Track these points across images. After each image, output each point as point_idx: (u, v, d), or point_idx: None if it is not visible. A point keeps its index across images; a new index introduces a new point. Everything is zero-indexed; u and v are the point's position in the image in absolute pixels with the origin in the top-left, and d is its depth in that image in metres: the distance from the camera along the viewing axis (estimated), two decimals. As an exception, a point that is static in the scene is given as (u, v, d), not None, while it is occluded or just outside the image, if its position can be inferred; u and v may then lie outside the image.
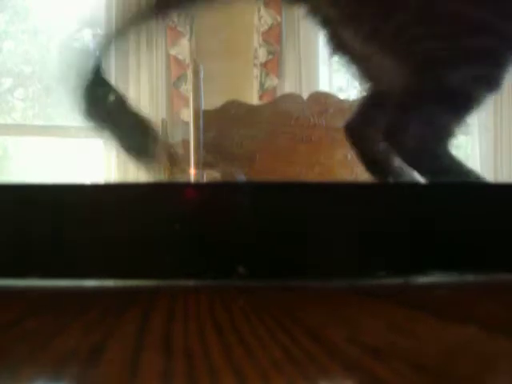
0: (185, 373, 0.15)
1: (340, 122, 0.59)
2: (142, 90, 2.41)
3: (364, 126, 0.55)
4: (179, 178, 1.27)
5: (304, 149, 1.38)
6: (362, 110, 0.56)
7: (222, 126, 1.34)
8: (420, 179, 0.47)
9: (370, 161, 0.54)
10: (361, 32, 0.50)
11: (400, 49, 0.48)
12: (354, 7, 0.50)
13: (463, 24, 0.45)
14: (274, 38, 2.54)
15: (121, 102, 0.52)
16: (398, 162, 0.50)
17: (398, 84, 0.49)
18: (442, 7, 0.46)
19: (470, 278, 0.30)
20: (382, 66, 0.50)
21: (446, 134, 0.47)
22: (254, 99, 2.47)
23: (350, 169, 1.29)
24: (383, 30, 0.48)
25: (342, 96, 1.45)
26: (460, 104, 0.47)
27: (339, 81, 2.51)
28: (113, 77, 2.41)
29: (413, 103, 0.48)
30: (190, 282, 0.30)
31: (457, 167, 0.48)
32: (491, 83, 0.46)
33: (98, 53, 0.51)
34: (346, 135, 0.56)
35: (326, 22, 0.53)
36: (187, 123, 1.11)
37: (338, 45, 0.53)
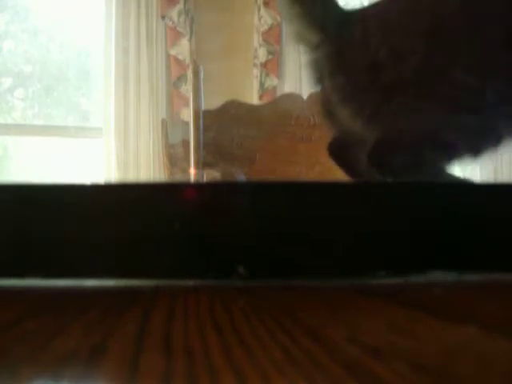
0: (185, 373, 0.15)
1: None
2: (142, 89, 2.41)
3: (348, 145, 0.55)
4: (179, 177, 1.27)
5: (304, 148, 1.38)
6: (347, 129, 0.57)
7: (222, 125, 1.34)
8: None
9: (358, 178, 0.54)
10: (361, 115, 0.50)
11: (399, 124, 0.49)
12: (353, 92, 0.50)
13: (462, 103, 0.47)
14: (273, 38, 2.54)
15: None
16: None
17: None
18: (442, 87, 0.47)
19: (469, 277, 0.30)
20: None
21: (434, 165, 0.48)
22: (254, 99, 2.48)
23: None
24: (384, 112, 0.49)
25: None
26: (447, 156, 0.49)
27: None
28: (113, 76, 2.41)
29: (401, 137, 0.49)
30: (190, 282, 0.30)
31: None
32: (476, 154, 0.49)
33: None
34: (329, 155, 0.56)
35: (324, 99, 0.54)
36: (187, 123, 1.11)
37: (334, 123, 0.54)
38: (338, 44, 0.51)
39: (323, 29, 0.51)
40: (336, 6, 0.53)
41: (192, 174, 1.06)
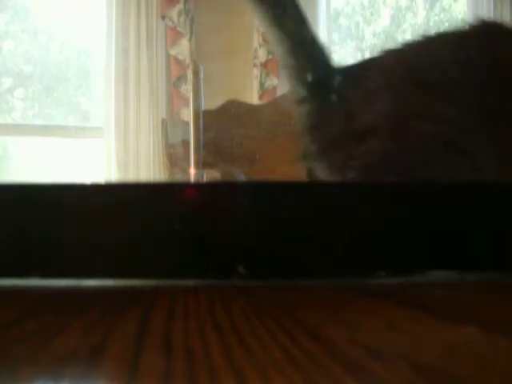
0: (185, 373, 0.15)
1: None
2: (142, 89, 2.41)
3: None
4: (179, 177, 1.27)
5: (304, 148, 1.38)
6: None
7: (222, 125, 1.34)
8: None
9: None
10: (334, 167, 0.53)
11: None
12: (328, 147, 0.53)
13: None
14: (273, 38, 2.53)
15: None
16: None
17: None
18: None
19: (470, 277, 0.30)
20: None
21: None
22: (254, 99, 2.47)
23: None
24: (356, 166, 0.50)
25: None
26: None
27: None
28: (113, 76, 2.41)
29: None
30: (190, 282, 0.30)
31: None
32: None
33: None
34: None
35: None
36: (187, 123, 1.11)
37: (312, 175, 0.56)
38: (321, 103, 0.54)
39: (310, 86, 0.55)
40: (327, 64, 0.56)
41: (192, 173, 1.06)
